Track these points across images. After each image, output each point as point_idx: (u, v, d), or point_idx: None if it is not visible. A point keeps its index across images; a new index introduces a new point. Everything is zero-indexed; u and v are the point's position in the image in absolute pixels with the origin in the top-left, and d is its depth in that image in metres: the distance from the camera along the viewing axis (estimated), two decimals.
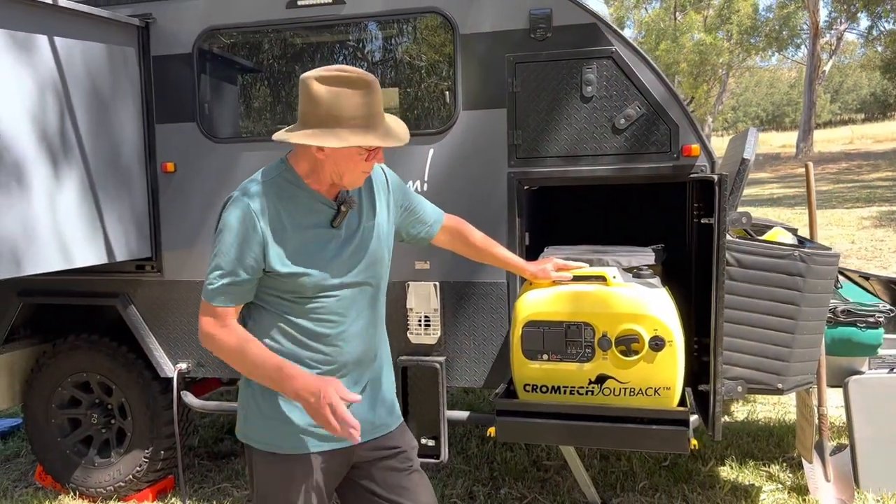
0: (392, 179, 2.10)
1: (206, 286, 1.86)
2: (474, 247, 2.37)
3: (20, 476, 4.17)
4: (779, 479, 3.69)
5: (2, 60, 2.79)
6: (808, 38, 27.83)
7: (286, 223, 1.84)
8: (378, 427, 2.04)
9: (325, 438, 1.93)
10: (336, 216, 1.89)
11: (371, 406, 2.02)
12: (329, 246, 1.88)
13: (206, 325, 1.85)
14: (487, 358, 3.21)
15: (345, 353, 1.94)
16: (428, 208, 2.23)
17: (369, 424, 2.00)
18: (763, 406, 4.84)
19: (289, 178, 1.88)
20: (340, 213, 1.89)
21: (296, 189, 1.87)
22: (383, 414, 2.06)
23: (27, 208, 2.90)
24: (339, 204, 1.90)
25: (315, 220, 1.88)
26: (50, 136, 3.01)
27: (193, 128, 3.43)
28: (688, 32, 28.22)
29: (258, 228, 1.81)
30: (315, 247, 1.86)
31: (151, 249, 3.52)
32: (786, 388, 2.88)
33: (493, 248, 2.40)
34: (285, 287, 1.87)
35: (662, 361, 2.55)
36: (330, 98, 1.74)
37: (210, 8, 3.36)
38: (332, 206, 1.90)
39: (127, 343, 3.69)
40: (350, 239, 1.92)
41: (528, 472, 3.91)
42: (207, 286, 1.85)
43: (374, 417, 2.02)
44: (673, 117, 2.91)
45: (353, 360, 1.96)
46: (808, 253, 2.80)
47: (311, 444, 1.92)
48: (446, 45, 3.16)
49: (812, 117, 26.94)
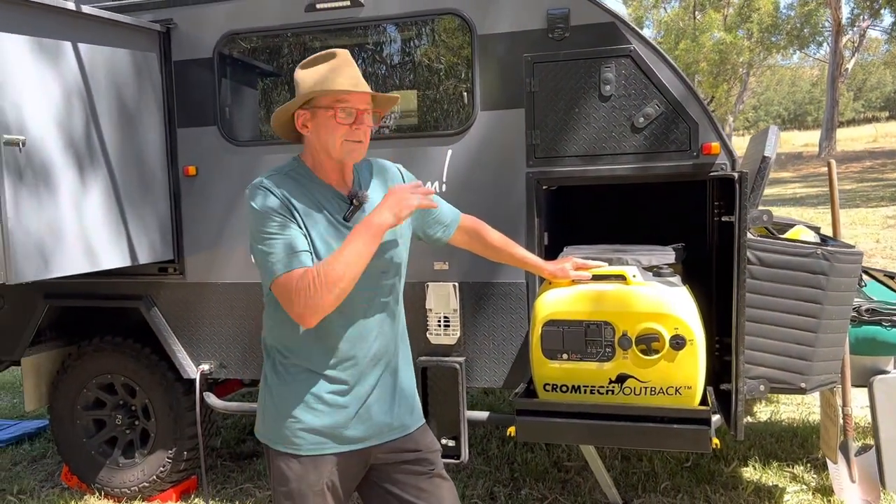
0: (409, 179, 2.11)
1: (270, 269, 1.79)
2: (492, 247, 2.36)
3: (47, 476, 4.24)
4: (803, 480, 3.65)
5: (29, 66, 2.85)
6: (830, 36, 27.52)
7: (303, 211, 1.85)
8: (396, 429, 2.01)
9: (342, 441, 1.93)
10: (348, 210, 1.91)
11: (389, 407, 2.00)
12: (343, 238, 1.87)
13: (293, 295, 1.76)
14: (507, 358, 3.21)
15: (360, 349, 1.93)
16: (445, 208, 2.23)
17: (387, 426, 1.99)
18: (786, 406, 4.79)
19: (301, 171, 1.92)
20: (353, 206, 1.91)
21: (308, 181, 1.90)
22: (402, 415, 2.03)
23: (54, 212, 2.95)
24: (351, 199, 1.92)
25: (329, 213, 1.89)
26: (75, 141, 3.06)
27: (214, 132, 3.47)
28: (707, 31, 28.00)
29: (288, 206, 1.82)
30: (331, 237, 1.87)
31: (174, 252, 3.57)
32: (809, 388, 2.85)
33: (511, 248, 2.39)
34: None
35: (683, 360, 2.53)
36: (306, 74, 1.88)
37: (230, 13, 3.39)
38: (344, 201, 1.92)
39: (150, 345, 3.73)
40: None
41: (548, 472, 3.90)
42: (271, 267, 1.79)
43: (391, 419, 2.00)
44: (692, 115, 2.90)
45: (368, 356, 1.95)
46: (831, 251, 2.77)
47: (327, 445, 1.92)
48: (464, 46, 3.17)
49: (835, 116, 26.62)
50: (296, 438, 1.91)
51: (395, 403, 2.02)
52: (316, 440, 1.91)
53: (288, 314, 1.84)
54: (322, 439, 1.91)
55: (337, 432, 1.92)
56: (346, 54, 1.91)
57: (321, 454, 1.92)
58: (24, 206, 2.82)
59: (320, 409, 1.90)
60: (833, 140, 26.47)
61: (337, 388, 1.92)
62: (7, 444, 4.75)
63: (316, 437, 1.91)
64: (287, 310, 1.81)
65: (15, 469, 4.37)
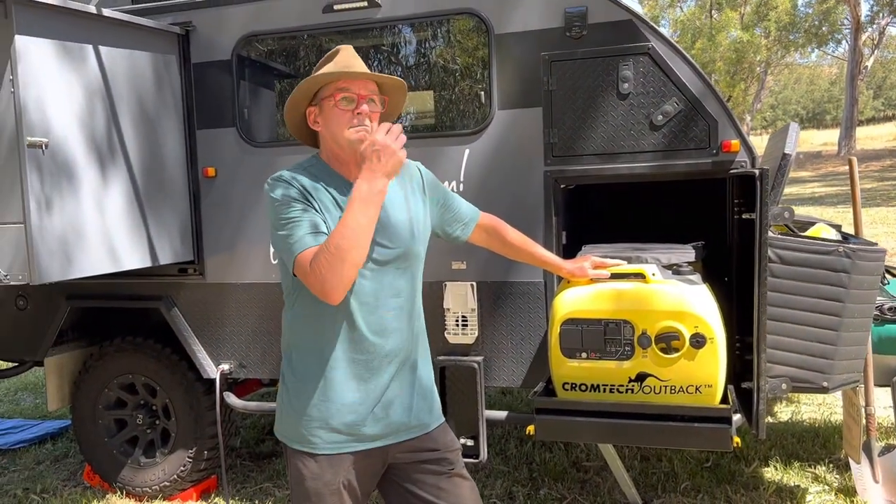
0: (427, 178, 2.11)
1: (294, 246, 1.79)
2: (511, 245, 2.36)
3: (69, 475, 4.28)
4: (825, 481, 3.62)
5: (52, 69, 2.88)
6: (849, 34, 27.25)
7: (321, 204, 1.87)
8: (414, 427, 2.00)
9: (359, 440, 1.93)
10: None
11: (407, 405, 1.99)
12: None
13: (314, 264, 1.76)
14: (525, 357, 3.21)
15: (376, 346, 1.92)
16: (464, 206, 2.24)
17: (404, 425, 1.98)
18: (807, 407, 4.74)
19: (319, 167, 1.95)
20: None
21: (327, 176, 1.92)
22: (421, 413, 2.02)
23: (77, 213, 2.99)
24: None
25: (344, 206, 1.86)
26: (97, 143, 3.10)
27: (233, 133, 3.49)
28: (724, 30, 27.79)
29: (307, 195, 1.84)
30: None
31: (194, 253, 3.60)
32: (831, 387, 2.82)
33: (529, 247, 2.39)
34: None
35: (704, 359, 2.52)
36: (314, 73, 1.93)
37: (248, 15, 3.42)
38: None
39: (171, 345, 3.77)
40: (382, 227, 1.90)
41: (567, 472, 3.89)
42: (295, 244, 1.79)
43: (409, 418, 1.99)
44: (711, 112, 2.88)
45: (384, 353, 1.94)
46: (853, 249, 2.74)
47: (344, 444, 1.92)
48: (481, 46, 3.17)
49: (854, 114, 26.36)
50: (312, 437, 1.91)
51: (414, 401, 2.01)
52: (332, 438, 1.91)
53: (306, 306, 1.87)
54: (338, 438, 1.92)
55: (354, 430, 1.92)
56: (348, 48, 1.96)
57: (337, 453, 1.92)
58: (48, 208, 2.86)
59: (337, 408, 1.91)
60: (852, 139, 26.20)
61: (353, 386, 1.92)
62: (30, 443, 4.80)
63: (333, 435, 1.91)
64: (310, 288, 1.79)
65: (38, 468, 4.42)
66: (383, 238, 1.91)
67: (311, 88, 1.93)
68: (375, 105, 1.94)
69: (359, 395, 1.92)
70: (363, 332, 1.91)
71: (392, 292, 1.94)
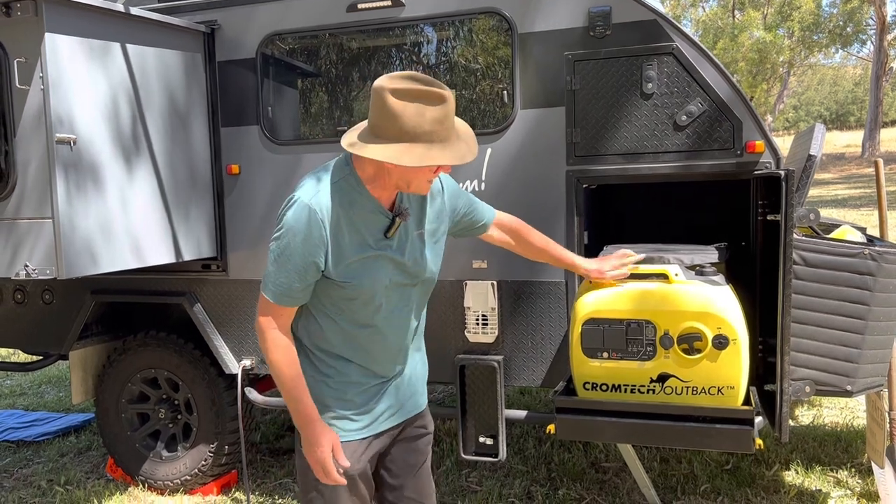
0: (447, 185, 2.11)
1: (266, 283, 1.89)
2: (531, 245, 2.38)
3: (92, 468, 4.34)
4: (847, 485, 3.58)
5: (80, 67, 2.92)
6: (874, 34, 26.89)
7: (345, 228, 1.86)
8: (413, 409, 2.15)
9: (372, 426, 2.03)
10: (390, 227, 1.91)
11: (408, 389, 2.11)
12: (380, 253, 1.91)
13: (263, 320, 1.91)
14: (545, 357, 3.21)
15: (394, 344, 2.02)
16: (481, 208, 2.26)
17: (408, 405, 2.12)
18: (829, 410, 4.70)
19: (352, 182, 1.88)
20: (395, 223, 1.91)
21: (357, 195, 1.88)
22: (419, 394, 2.17)
23: (104, 209, 3.03)
24: (395, 215, 1.92)
25: (370, 228, 1.90)
26: (123, 140, 3.14)
27: (257, 131, 3.52)
28: (746, 30, 27.55)
29: (323, 235, 1.83)
30: (368, 253, 1.89)
31: (217, 249, 3.63)
32: (855, 390, 2.79)
33: (549, 247, 2.40)
34: (335, 291, 1.90)
35: (726, 360, 2.51)
36: (406, 113, 1.72)
37: (272, 13, 3.44)
38: (387, 216, 1.92)
39: (193, 340, 3.80)
40: (401, 248, 1.95)
41: (586, 473, 3.88)
42: (268, 283, 1.88)
43: (413, 399, 2.14)
44: (736, 113, 2.86)
45: (399, 347, 2.05)
46: (878, 251, 2.72)
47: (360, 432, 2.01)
48: (504, 45, 3.17)
49: (879, 115, 26.01)
50: (329, 425, 1.98)
51: (416, 385, 2.16)
52: (350, 426, 2.00)
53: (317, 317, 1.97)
54: (349, 424, 2.00)
55: (368, 418, 2.02)
56: (451, 104, 1.77)
57: (353, 440, 2.00)
58: (75, 204, 2.90)
59: (349, 395, 1.99)
60: (876, 140, 25.87)
61: (366, 378, 2.01)
62: (54, 435, 4.88)
63: (350, 423, 2.00)
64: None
65: (62, 460, 4.48)
66: (403, 277, 1.98)
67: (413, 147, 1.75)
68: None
69: (376, 387, 2.03)
70: (385, 337, 2.00)
71: (405, 300, 2.03)
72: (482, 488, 3.76)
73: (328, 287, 1.90)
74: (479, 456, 3.28)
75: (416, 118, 1.72)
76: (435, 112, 1.73)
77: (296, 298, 1.90)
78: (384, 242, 1.91)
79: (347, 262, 1.87)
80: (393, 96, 1.72)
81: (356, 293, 1.90)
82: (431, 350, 3.28)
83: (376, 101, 1.75)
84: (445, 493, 3.74)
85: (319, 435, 1.90)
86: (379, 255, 1.90)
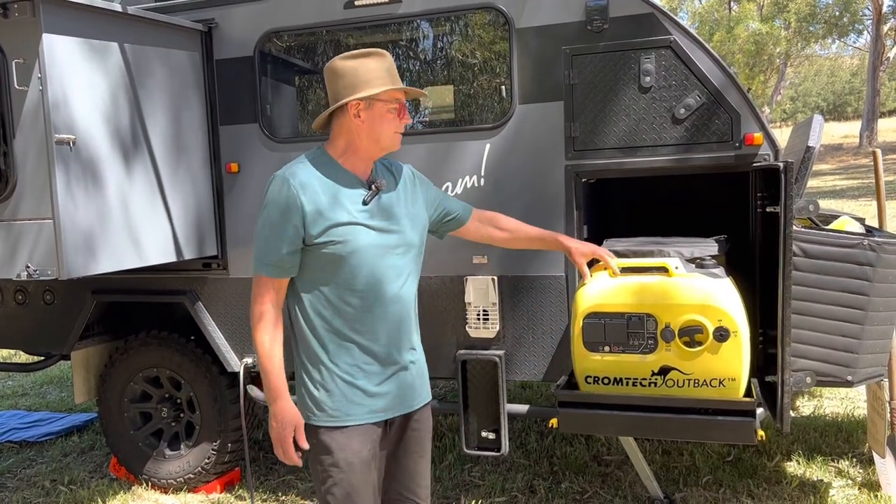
0: (419, 178, 2.26)
1: (255, 260, 2.04)
2: (505, 230, 2.46)
3: (95, 468, 4.35)
4: (848, 475, 3.60)
5: (78, 67, 2.92)
6: (870, 24, 26.88)
7: (322, 193, 1.99)
8: (419, 399, 2.18)
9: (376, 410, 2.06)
10: (367, 195, 2.04)
11: (412, 374, 2.14)
12: (361, 221, 2.01)
13: (253, 296, 2.05)
14: (547, 351, 3.22)
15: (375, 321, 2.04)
16: (455, 203, 2.37)
17: (414, 393, 2.16)
18: (830, 401, 4.71)
19: (325, 160, 2.06)
20: (371, 190, 2.05)
21: (332, 169, 2.05)
22: (424, 385, 2.21)
23: (104, 209, 3.03)
24: (370, 184, 2.06)
25: (348, 197, 2.02)
26: (123, 140, 3.14)
27: (256, 129, 3.52)
28: (743, 22, 27.52)
29: (297, 201, 1.96)
30: (348, 220, 2.00)
31: (217, 248, 3.63)
32: (855, 381, 2.80)
33: (524, 228, 2.48)
34: (321, 259, 2.00)
35: (727, 352, 2.52)
36: (358, 66, 2.00)
37: (270, 11, 3.44)
38: (364, 186, 2.06)
39: (195, 339, 3.81)
40: (380, 214, 2.05)
41: (588, 466, 3.89)
42: (256, 259, 2.03)
43: (418, 387, 2.17)
44: (734, 105, 2.87)
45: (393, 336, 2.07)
46: (878, 242, 2.73)
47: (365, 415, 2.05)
48: (502, 40, 3.18)
49: (876, 106, 26.02)
50: (336, 412, 2.03)
51: (418, 374, 2.17)
52: (354, 411, 2.03)
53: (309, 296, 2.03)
54: (355, 409, 2.03)
55: (370, 401, 2.05)
56: (386, 55, 2.07)
57: (359, 424, 2.04)
58: (76, 204, 2.90)
59: (354, 378, 2.03)
60: (874, 131, 25.88)
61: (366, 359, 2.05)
62: (57, 435, 4.88)
63: (351, 407, 2.03)
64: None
65: (65, 460, 4.49)
66: (385, 241, 2.04)
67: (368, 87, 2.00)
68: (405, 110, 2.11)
69: (381, 373, 2.07)
70: (383, 308, 2.05)
71: (395, 272, 2.07)
72: (485, 483, 3.78)
73: (316, 257, 2.00)
74: (481, 450, 3.29)
75: (364, 67, 2.01)
76: (381, 62, 2.02)
77: (283, 268, 2.01)
78: (363, 210, 2.02)
79: (327, 223, 1.97)
80: (341, 60, 2.02)
81: (341, 253, 1.98)
82: (433, 346, 3.29)
83: (330, 74, 2.03)
84: (448, 487, 3.75)
85: (282, 412, 2.02)
86: (358, 222, 2.00)
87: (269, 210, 2.00)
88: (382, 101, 2.02)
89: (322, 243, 1.97)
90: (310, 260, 2.01)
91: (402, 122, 2.08)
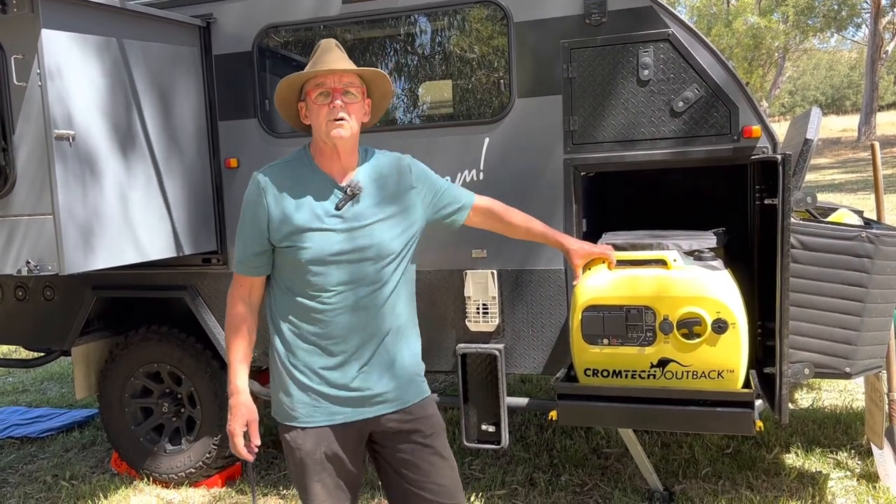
0: (416, 170, 2.16)
1: (236, 262, 2.10)
2: (510, 223, 2.37)
3: (97, 463, 4.36)
4: (847, 467, 3.62)
5: (77, 62, 2.92)
6: (869, 18, 26.86)
7: (290, 196, 2.00)
8: (392, 402, 2.09)
9: (332, 412, 2.04)
10: (340, 200, 2.01)
11: (379, 379, 2.06)
12: (329, 227, 1.98)
13: (230, 288, 2.11)
14: (546, 345, 3.23)
15: (339, 328, 2.01)
16: (456, 192, 2.26)
17: (381, 397, 2.07)
18: (828, 393, 4.73)
19: (304, 160, 2.07)
20: (345, 196, 2.01)
21: (309, 171, 2.05)
22: (399, 388, 2.10)
23: (103, 205, 3.03)
24: (345, 189, 2.02)
25: (321, 200, 2.01)
26: (122, 136, 3.14)
27: (255, 124, 3.53)
28: (741, 16, 27.50)
29: (263, 202, 2.00)
30: (316, 224, 1.98)
31: (217, 243, 3.64)
32: (854, 373, 2.82)
33: (529, 223, 2.40)
34: (287, 262, 2.01)
35: (725, 344, 2.53)
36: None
37: (268, 6, 3.44)
38: (340, 190, 2.03)
39: (195, 334, 3.82)
40: (352, 221, 2.00)
41: (588, 459, 3.91)
42: (236, 263, 2.09)
43: (387, 391, 2.07)
44: (732, 99, 2.87)
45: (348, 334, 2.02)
46: (876, 234, 2.74)
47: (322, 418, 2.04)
48: (500, 34, 3.18)
49: (874, 100, 26.02)
50: (293, 412, 2.05)
51: (390, 377, 2.08)
52: (308, 412, 2.04)
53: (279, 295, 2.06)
54: (311, 410, 2.04)
55: (327, 404, 2.04)
56: (328, 42, 2.07)
57: (315, 426, 2.04)
58: (75, 200, 2.91)
59: (311, 382, 2.03)
60: (872, 124, 25.89)
61: (327, 363, 2.03)
62: (58, 431, 4.89)
63: (307, 409, 2.04)
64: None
65: (66, 455, 4.50)
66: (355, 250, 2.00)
67: (291, 86, 2.05)
68: (354, 96, 2.02)
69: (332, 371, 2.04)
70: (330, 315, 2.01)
71: (366, 281, 2.02)
72: (485, 476, 3.79)
73: (283, 260, 2.02)
74: (481, 444, 3.31)
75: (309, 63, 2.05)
76: (318, 51, 2.03)
77: (251, 267, 2.06)
78: (333, 215, 2.00)
79: (290, 227, 1.97)
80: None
81: (303, 258, 1.96)
82: (433, 340, 3.30)
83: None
84: None
85: (235, 406, 2.08)
86: (325, 227, 1.98)
87: (243, 208, 2.07)
88: (309, 93, 2.01)
89: (286, 247, 1.98)
90: (279, 262, 2.04)
91: (334, 109, 1.96)
